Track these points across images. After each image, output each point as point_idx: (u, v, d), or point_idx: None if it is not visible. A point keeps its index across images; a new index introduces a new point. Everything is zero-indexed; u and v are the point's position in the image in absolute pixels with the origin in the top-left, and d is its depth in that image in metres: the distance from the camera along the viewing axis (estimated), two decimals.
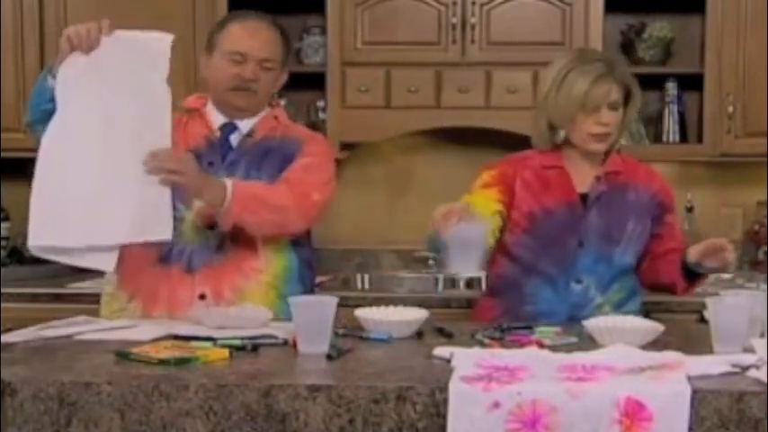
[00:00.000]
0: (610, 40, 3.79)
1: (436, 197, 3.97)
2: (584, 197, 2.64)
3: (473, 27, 3.66)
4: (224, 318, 2.38)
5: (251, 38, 2.67)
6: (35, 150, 3.77)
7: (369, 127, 3.73)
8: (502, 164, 2.72)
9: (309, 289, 2.74)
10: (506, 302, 2.67)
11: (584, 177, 2.65)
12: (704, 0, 3.65)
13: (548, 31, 3.66)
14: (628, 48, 3.85)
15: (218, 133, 2.71)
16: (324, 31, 3.77)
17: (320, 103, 3.85)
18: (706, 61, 3.67)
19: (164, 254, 2.60)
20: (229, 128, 2.71)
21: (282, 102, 3.89)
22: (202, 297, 2.58)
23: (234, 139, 2.71)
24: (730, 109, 3.64)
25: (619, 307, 2.61)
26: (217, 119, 2.72)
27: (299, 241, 2.71)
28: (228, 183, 2.50)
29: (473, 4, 3.66)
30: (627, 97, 2.63)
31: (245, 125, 2.72)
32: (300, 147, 2.70)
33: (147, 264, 2.60)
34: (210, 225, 2.60)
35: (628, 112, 2.64)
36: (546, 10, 3.66)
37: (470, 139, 3.95)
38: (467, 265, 2.26)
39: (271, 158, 2.66)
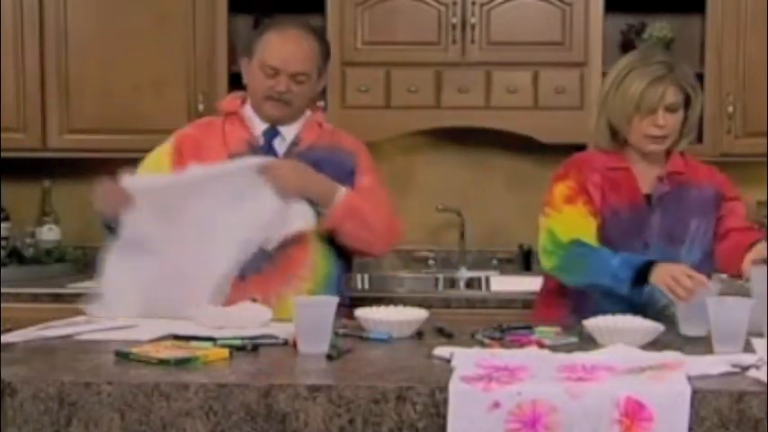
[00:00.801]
0: (610, 40, 3.79)
1: (436, 197, 4.03)
2: (647, 198, 2.62)
3: (473, 27, 3.66)
4: (224, 318, 2.38)
5: (286, 51, 2.66)
6: (35, 150, 3.81)
7: (369, 127, 3.72)
8: (572, 170, 2.66)
9: (341, 292, 2.71)
10: (573, 303, 2.63)
11: (646, 178, 2.64)
12: (704, 0, 3.65)
13: (548, 31, 3.66)
14: (628, 48, 3.83)
15: (261, 139, 2.71)
16: (324, 31, 3.77)
17: (320, 104, 3.85)
18: (706, 61, 3.67)
19: None
20: (272, 133, 2.71)
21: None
22: (254, 301, 2.57)
23: (277, 145, 2.70)
24: (730, 109, 3.65)
25: None
26: (258, 123, 2.72)
27: (343, 250, 2.73)
28: (342, 188, 2.61)
29: (473, 4, 3.65)
30: (689, 100, 2.60)
31: (287, 131, 2.72)
32: (355, 160, 2.74)
33: None
34: None
35: (689, 114, 2.61)
36: (546, 10, 3.66)
37: (470, 139, 3.95)
38: (699, 328, 2.22)
39: (324, 171, 2.66)
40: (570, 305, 2.64)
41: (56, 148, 3.79)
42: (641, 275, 2.40)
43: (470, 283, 3.89)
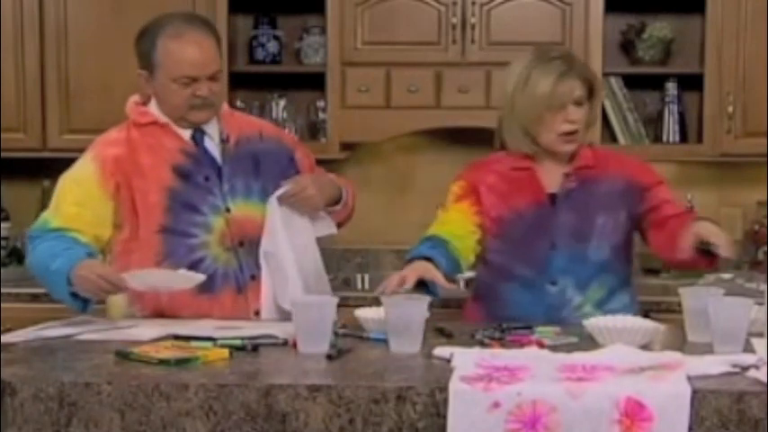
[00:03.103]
0: (610, 40, 3.79)
1: (436, 197, 4.01)
2: (553, 197, 2.59)
3: (473, 27, 3.66)
4: (151, 278, 2.40)
5: (196, 56, 2.54)
6: (35, 150, 3.82)
7: (369, 127, 3.73)
8: (466, 172, 2.71)
9: None
10: (487, 307, 2.64)
11: (553, 176, 2.60)
12: (704, 0, 3.65)
13: (548, 31, 3.66)
14: (628, 48, 3.85)
15: (192, 144, 2.61)
16: (324, 31, 3.77)
17: (320, 103, 3.85)
18: (706, 61, 3.67)
19: (205, 284, 2.50)
20: (199, 135, 2.63)
21: (282, 102, 3.90)
22: (257, 314, 2.58)
23: (209, 145, 2.63)
24: (730, 109, 3.64)
25: (601, 305, 2.55)
26: (181, 128, 2.62)
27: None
28: (339, 181, 2.77)
29: (473, 4, 3.66)
30: (590, 92, 2.58)
31: (211, 129, 2.64)
32: (287, 146, 2.76)
33: (187, 298, 2.54)
34: (240, 242, 2.60)
35: (593, 107, 2.60)
36: (546, 10, 3.66)
37: (470, 139, 3.94)
38: (406, 345, 2.15)
39: (264, 165, 2.65)
40: (485, 310, 2.65)
41: (56, 148, 3.79)
42: None
43: (470, 283, 3.88)
